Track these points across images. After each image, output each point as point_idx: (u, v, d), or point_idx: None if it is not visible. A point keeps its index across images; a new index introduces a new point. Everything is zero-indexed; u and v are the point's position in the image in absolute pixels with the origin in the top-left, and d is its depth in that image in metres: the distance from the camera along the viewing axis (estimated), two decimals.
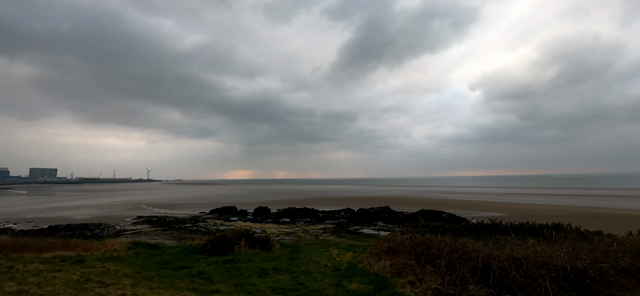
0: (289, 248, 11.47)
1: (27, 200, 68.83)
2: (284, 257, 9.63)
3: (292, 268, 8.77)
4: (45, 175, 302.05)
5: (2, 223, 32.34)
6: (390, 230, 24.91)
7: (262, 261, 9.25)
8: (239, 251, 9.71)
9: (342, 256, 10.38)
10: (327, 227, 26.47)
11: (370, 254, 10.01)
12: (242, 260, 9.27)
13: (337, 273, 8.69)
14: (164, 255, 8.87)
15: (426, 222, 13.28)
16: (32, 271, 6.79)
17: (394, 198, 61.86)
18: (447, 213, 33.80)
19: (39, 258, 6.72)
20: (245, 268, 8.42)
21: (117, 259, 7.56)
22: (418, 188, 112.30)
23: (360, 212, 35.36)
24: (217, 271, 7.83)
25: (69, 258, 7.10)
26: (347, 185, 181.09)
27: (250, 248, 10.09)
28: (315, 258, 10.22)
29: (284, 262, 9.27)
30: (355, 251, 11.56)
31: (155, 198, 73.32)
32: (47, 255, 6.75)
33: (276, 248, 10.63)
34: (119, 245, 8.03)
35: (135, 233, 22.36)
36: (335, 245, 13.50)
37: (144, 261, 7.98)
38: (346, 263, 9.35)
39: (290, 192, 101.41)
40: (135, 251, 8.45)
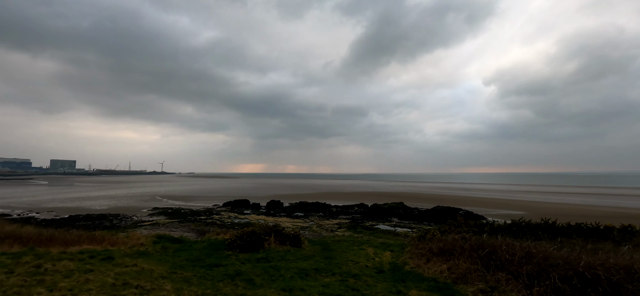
0: (319, 245, 11.01)
1: (49, 190, 71.33)
2: (318, 255, 9.13)
3: (332, 268, 8.31)
4: (65, 167, 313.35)
5: (26, 212, 33.48)
6: (407, 227, 24.40)
7: (297, 259, 8.89)
8: (269, 248, 9.30)
9: (380, 256, 9.79)
10: (342, 222, 26.15)
11: (415, 255, 9.38)
12: (275, 258, 8.93)
13: (383, 275, 8.18)
14: (192, 250, 8.52)
15: (466, 221, 12.42)
16: (61, 272, 6.35)
17: (407, 194, 60.97)
18: (464, 210, 32.96)
19: (66, 254, 6.32)
20: (284, 268, 8.02)
21: (146, 255, 7.25)
22: (430, 185, 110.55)
23: (374, 207, 34.88)
24: (255, 271, 7.51)
25: (97, 253, 6.88)
26: (358, 180, 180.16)
27: (281, 244, 9.70)
28: (352, 257, 9.78)
29: (322, 262, 8.90)
30: (392, 250, 10.98)
31: (169, 190, 74.72)
32: (73, 249, 6.42)
33: (306, 245, 10.20)
34: (145, 238, 7.80)
35: (153, 225, 22.62)
36: (367, 242, 12.88)
37: (174, 258, 7.69)
38: (388, 264, 8.89)
39: (301, 186, 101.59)
40: (161, 245, 8.16)
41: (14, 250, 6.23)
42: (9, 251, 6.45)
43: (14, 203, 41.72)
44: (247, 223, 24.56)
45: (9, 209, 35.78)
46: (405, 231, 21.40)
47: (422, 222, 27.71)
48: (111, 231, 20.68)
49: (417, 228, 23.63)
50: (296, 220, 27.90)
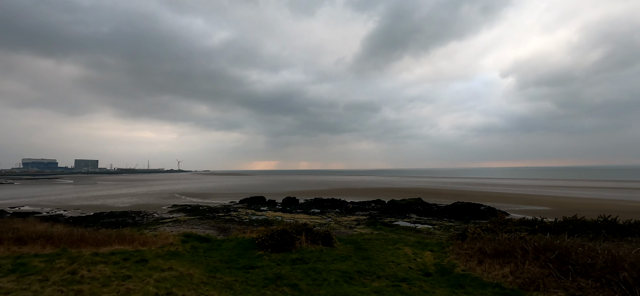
0: (351, 244, 10.54)
1: (74, 188, 74.44)
2: (354, 256, 8.61)
3: (375, 271, 7.84)
4: (88, 166, 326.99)
5: (54, 210, 34.95)
6: (427, 223, 23.78)
7: (333, 260, 8.48)
8: (300, 248, 9.00)
9: (420, 256, 9.22)
10: (360, 219, 25.81)
11: (462, 255, 8.72)
12: (311, 259, 8.55)
13: (433, 279, 7.68)
14: (222, 250, 8.28)
15: (506, 219, 11.66)
16: (99, 279, 5.96)
17: (424, 190, 59.77)
18: (486, 206, 31.87)
19: (99, 256, 6.10)
20: (324, 270, 7.60)
21: (177, 255, 7.02)
22: (447, 180, 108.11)
23: (392, 203, 34.30)
24: (296, 275, 7.16)
25: (129, 254, 6.80)
26: (371, 176, 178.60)
27: (312, 243, 9.41)
28: (391, 258, 9.28)
29: (361, 263, 8.46)
30: (432, 250, 10.39)
31: (186, 187, 76.41)
32: (105, 249, 6.30)
33: (338, 245, 9.87)
34: (173, 237, 7.69)
35: (174, 222, 23.02)
36: (400, 241, 12.17)
37: (206, 259, 7.61)
38: (432, 265, 8.36)
39: (315, 182, 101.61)
40: (191, 245, 8.01)
41: (46, 251, 6.10)
42: (41, 253, 6.44)
43: (43, 202, 43.68)
44: (264, 220, 24.62)
45: (39, 207, 37.46)
46: (426, 228, 20.83)
47: (441, 218, 26.97)
48: (135, 228, 21.18)
49: (438, 224, 22.98)
50: (313, 216, 27.76)
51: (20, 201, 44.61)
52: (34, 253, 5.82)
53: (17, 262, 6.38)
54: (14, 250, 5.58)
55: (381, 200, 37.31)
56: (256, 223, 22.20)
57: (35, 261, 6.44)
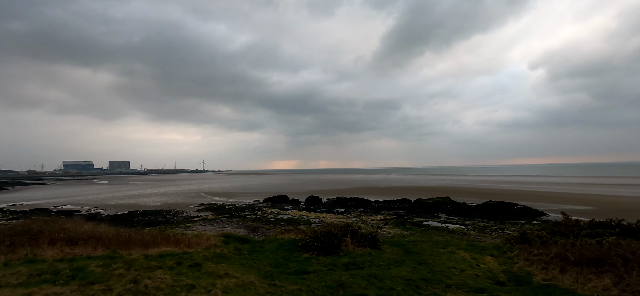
0: (396, 246, 10.11)
1: (109, 188, 78.93)
2: (408, 260, 8.18)
3: (441, 278, 7.37)
4: (121, 167, 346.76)
5: (93, 208, 37.09)
6: (459, 223, 22.72)
7: (389, 265, 7.92)
8: (347, 250, 8.70)
9: (480, 261, 8.64)
10: (387, 218, 25.17)
11: (534, 262, 7.81)
12: (364, 263, 8.02)
13: (509, 289, 6.96)
14: (266, 252, 7.96)
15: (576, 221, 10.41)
16: (163, 290, 5.63)
17: (451, 189, 57.62)
18: (521, 205, 30.06)
19: (152, 259, 6.15)
20: (385, 277, 7.07)
21: (225, 258, 6.80)
22: (473, 178, 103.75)
23: (418, 202, 33.25)
24: (359, 282, 6.63)
25: (180, 258, 6.64)
26: (393, 174, 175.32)
27: (359, 246, 9.07)
28: (450, 263, 8.60)
29: (421, 269, 7.91)
30: (493, 255, 9.52)
31: (211, 187, 78.69)
32: (153, 251, 6.25)
33: (385, 247, 9.46)
34: (214, 238, 7.66)
35: (204, 220, 23.58)
36: (449, 243, 11.24)
37: (254, 261, 7.36)
38: (502, 273, 7.56)
39: (336, 181, 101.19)
40: (234, 246, 7.90)
41: (98, 253, 6.05)
42: (94, 255, 6.40)
43: (82, 201, 46.56)
44: (290, 219, 24.63)
45: (79, 206, 39.94)
46: (459, 228, 19.87)
47: (473, 218, 25.71)
48: (167, 226, 21.90)
49: (471, 224, 21.88)
50: (338, 215, 27.45)
51: (63, 200, 47.82)
52: (87, 255, 5.76)
53: (74, 267, 6.27)
54: (67, 251, 5.64)
55: (407, 199, 36.31)
56: (283, 222, 22.23)
57: (92, 266, 6.31)
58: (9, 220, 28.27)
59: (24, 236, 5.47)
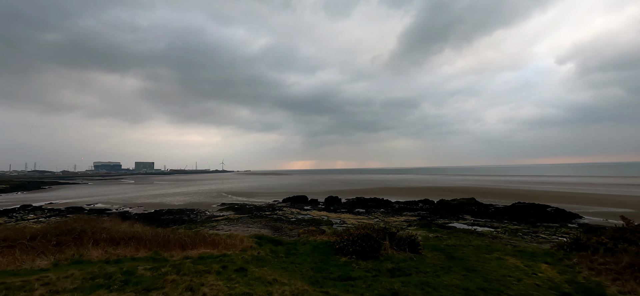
0: (436, 251, 9.59)
1: (135, 188, 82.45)
2: (454, 267, 7.61)
3: (499, 288, 6.81)
4: (146, 168, 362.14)
5: (122, 207, 38.80)
6: (488, 226, 21.75)
7: (436, 272, 7.44)
8: (386, 254, 8.38)
9: (536, 268, 8.04)
10: (410, 219, 24.55)
11: (600, 271, 7.12)
12: (410, 270, 7.54)
13: None
14: (302, 255, 7.60)
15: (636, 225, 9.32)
16: None
17: (475, 189, 55.52)
18: (553, 207, 28.42)
19: (199, 263, 6.07)
20: (440, 286, 6.56)
21: (264, 261, 6.81)
22: (498, 178, 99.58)
23: (441, 203, 32.23)
24: (413, 291, 6.24)
25: (223, 260, 6.39)
26: (411, 174, 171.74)
27: (398, 250, 8.72)
28: (501, 270, 7.96)
29: (474, 277, 7.35)
30: (547, 262, 8.74)
31: (231, 187, 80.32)
32: (193, 252, 6.22)
33: (426, 252, 9.01)
34: (247, 239, 7.62)
35: (227, 220, 23.98)
36: (493, 249, 10.91)
37: (294, 265, 7.10)
38: (565, 283, 6.82)
39: (354, 181, 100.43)
40: (269, 248, 7.70)
41: (141, 255, 6.09)
42: (137, 256, 6.34)
43: (112, 200, 48.86)
44: (311, 219, 24.56)
45: (109, 204, 41.93)
46: (488, 231, 19.00)
47: (501, 220, 24.53)
48: (192, 225, 22.46)
49: (501, 227, 20.85)
50: (359, 216, 27.08)
51: (94, 199, 50.41)
52: (130, 256, 5.80)
53: (125, 270, 6.19)
54: (110, 251, 5.73)
55: (429, 199, 35.30)
56: (304, 222, 22.19)
57: (141, 269, 6.18)
58: (47, 217, 30.11)
59: (69, 235, 5.65)
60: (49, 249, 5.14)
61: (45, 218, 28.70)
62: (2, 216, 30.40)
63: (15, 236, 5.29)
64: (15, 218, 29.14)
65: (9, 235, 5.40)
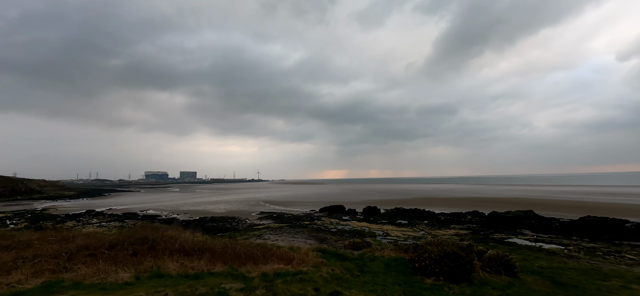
0: (534, 274, 8.52)
1: (180, 196, 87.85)
2: None
3: None
4: (189, 177, 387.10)
5: (170, 213, 41.25)
6: (556, 243, 19.18)
7: None
8: (480, 278, 7.23)
9: None
10: (460, 233, 22.65)
11: None
12: None
13: None
14: (380, 275, 7.00)
15: None
16: None
17: (531, 201, 50.27)
18: (633, 222, 24.46)
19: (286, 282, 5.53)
20: None
21: (344, 280, 6.27)
22: (555, 188, 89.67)
23: (493, 216, 29.45)
24: None
25: (303, 278, 5.87)
26: (452, 184, 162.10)
27: (492, 272, 7.66)
28: None
29: None
30: None
31: (268, 195, 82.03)
32: (268, 268, 5.88)
33: (525, 275, 7.87)
34: (312, 254, 7.20)
35: (268, 229, 24.13)
36: (605, 273, 9.24)
37: (379, 286, 6.37)
38: None
39: (390, 191, 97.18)
40: (339, 264, 7.18)
41: (218, 269, 5.78)
42: (214, 271, 5.85)
43: (161, 207, 52.34)
44: (352, 230, 23.77)
45: (159, 211, 44.86)
46: (558, 249, 16.67)
47: (569, 237, 21.54)
48: (236, 233, 22.91)
49: (573, 245, 18.23)
50: (403, 228, 25.66)
51: (146, 205, 54.43)
52: (208, 271, 5.49)
53: (217, 292, 5.66)
54: (187, 264, 5.55)
55: (478, 211, 32.54)
56: (347, 234, 21.48)
57: (232, 291, 5.54)
58: (108, 221, 32.94)
59: (144, 245, 5.72)
60: (128, 259, 5.21)
61: (106, 223, 31.35)
62: (71, 220, 33.88)
63: (96, 245, 5.47)
64: (82, 222, 32.24)
65: (91, 243, 5.61)
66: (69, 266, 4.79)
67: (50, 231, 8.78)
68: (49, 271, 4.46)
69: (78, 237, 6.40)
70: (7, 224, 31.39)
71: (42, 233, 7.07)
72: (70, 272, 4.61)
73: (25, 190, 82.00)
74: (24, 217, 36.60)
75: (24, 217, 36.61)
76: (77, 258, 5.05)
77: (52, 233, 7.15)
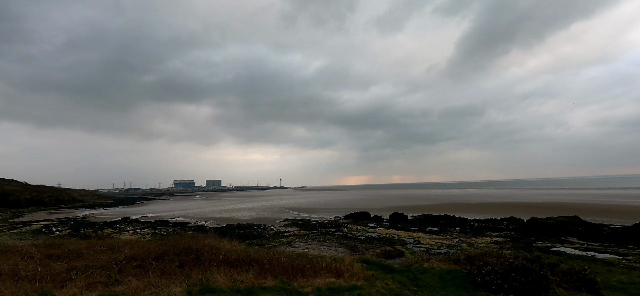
0: (619, 291, 7.57)
1: (207, 203, 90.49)
2: None
3: None
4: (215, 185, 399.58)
5: (199, 221, 42.44)
6: (609, 252, 17.39)
7: None
8: (556, 294, 6.25)
9: None
10: (498, 241, 21.24)
11: None
12: None
13: None
14: (438, 290, 6.04)
15: None
16: None
17: (575, 205, 46.54)
18: None
19: None
20: None
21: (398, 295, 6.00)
22: (600, 192, 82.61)
23: (533, 222, 27.45)
24: None
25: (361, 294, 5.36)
26: (481, 188, 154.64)
27: (569, 289, 6.80)
28: None
29: None
30: None
31: (291, 202, 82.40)
32: (320, 282, 5.57)
33: (606, 293, 7.14)
34: (357, 266, 6.84)
35: (293, 236, 24.00)
36: None
37: None
38: None
39: (415, 196, 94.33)
40: (391, 277, 6.76)
41: (269, 283, 5.38)
42: (266, 285, 5.43)
43: (190, 214, 54.07)
44: (381, 238, 23.04)
45: (188, 218, 46.32)
46: (616, 259, 15.05)
47: (625, 245, 19.48)
48: (264, 240, 22.99)
49: (634, 255, 16.41)
50: (434, 236, 24.52)
51: (175, 213, 56.49)
52: (259, 285, 5.14)
53: None
54: (235, 277, 5.34)
55: (515, 218, 30.52)
56: (376, 242, 20.83)
57: None
58: (142, 228, 34.42)
59: (189, 255, 5.67)
60: (175, 271, 5.16)
61: (140, 230, 32.74)
62: (109, 227, 35.76)
63: (143, 255, 5.50)
64: (118, 229, 33.91)
65: (138, 253, 5.66)
66: (119, 279, 4.82)
67: (95, 240, 9.12)
68: (101, 284, 4.49)
69: (124, 247, 6.52)
70: (53, 231, 33.69)
71: (89, 242, 7.31)
72: (121, 285, 4.62)
73: (68, 199, 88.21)
74: (67, 224, 39.16)
75: (67, 224, 39.16)
76: (126, 269, 5.09)
77: (99, 242, 7.37)
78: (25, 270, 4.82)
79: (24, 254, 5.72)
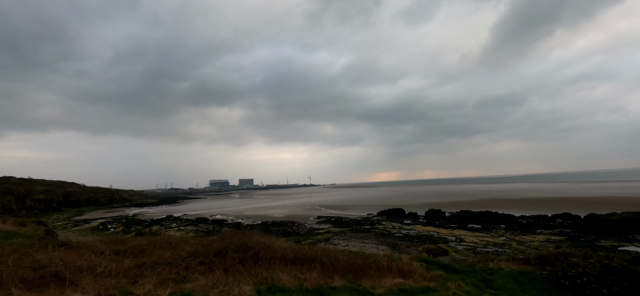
0: None
1: (241, 202, 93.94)
2: None
3: None
4: (247, 184, 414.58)
5: (235, 218, 44.13)
6: None
7: None
8: None
9: None
10: (553, 239, 19.52)
11: None
12: None
13: None
14: (515, 292, 5.86)
15: None
16: None
17: (637, 200, 41.53)
18: None
19: None
20: None
21: None
22: None
23: (592, 218, 24.85)
24: None
25: None
26: (524, 182, 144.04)
27: None
28: None
29: None
30: None
31: (322, 200, 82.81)
32: (388, 282, 5.30)
33: None
34: (417, 264, 6.64)
35: (334, 234, 24.00)
36: None
37: None
38: None
39: (450, 192, 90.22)
40: (460, 278, 6.39)
41: (337, 283, 5.30)
42: (334, 285, 5.31)
43: (226, 211, 56.45)
44: (419, 235, 22.24)
45: (225, 216, 48.38)
46: None
47: None
48: (300, 237, 23.25)
49: None
50: (478, 233, 23.17)
51: (213, 211, 59.30)
52: (328, 285, 5.06)
53: None
54: (300, 276, 5.07)
55: (570, 214, 27.88)
56: (416, 239, 20.14)
57: None
58: (185, 225, 36.55)
59: (247, 253, 5.78)
60: (237, 267, 5.28)
61: (183, 227, 34.77)
62: (156, 224, 38.43)
63: (205, 253, 5.70)
64: (164, 226, 36.31)
65: (199, 250, 5.87)
66: (187, 276, 5.02)
67: (152, 236, 9.73)
68: (171, 282, 4.69)
69: (183, 243, 6.84)
70: (108, 228, 36.96)
71: (148, 239, 7.80)
72: (190, 282, 4.81)
73: (119, 199, 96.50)
74: (120, 222, 42.77)
75: (120, 222, 42.76)
76: (191, 266, 5.30)
77: (157, 238, 7.82)
78: (99, 265, 5.20)
79: (96, 250, 6.22)
